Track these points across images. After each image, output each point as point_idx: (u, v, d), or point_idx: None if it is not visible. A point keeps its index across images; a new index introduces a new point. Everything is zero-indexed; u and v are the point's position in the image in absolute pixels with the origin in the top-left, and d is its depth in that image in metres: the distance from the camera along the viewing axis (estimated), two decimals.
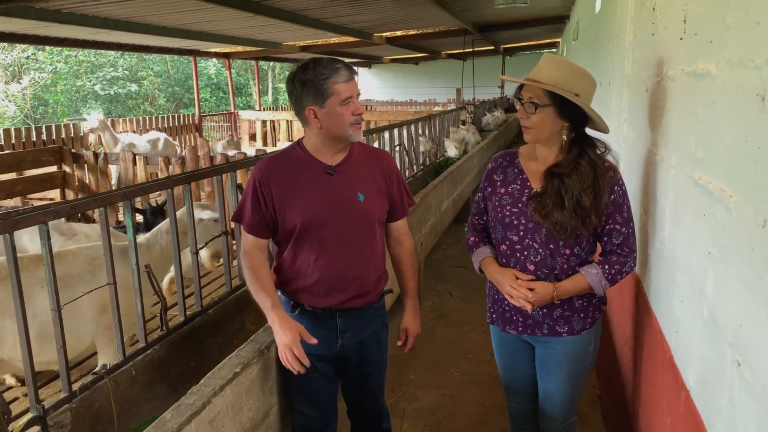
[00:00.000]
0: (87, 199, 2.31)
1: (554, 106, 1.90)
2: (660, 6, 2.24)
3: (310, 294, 2.12)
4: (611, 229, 1.96)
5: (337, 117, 1.97)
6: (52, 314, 2.17)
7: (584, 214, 1.90)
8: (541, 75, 1.91)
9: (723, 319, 1.29)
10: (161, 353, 2.72)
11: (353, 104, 1.99)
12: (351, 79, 1.99)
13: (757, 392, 1.07)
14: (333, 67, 1.94)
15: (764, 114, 1.08)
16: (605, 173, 1.93)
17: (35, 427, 2.08)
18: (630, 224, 1.98)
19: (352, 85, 1.99)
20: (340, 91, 1.95)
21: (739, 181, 1.21)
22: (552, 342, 2.08)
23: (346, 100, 1.96)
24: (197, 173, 2.96)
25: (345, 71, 1.96)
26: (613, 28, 3.93)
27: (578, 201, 1.90)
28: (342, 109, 1.96)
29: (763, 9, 1.11)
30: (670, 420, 1.74)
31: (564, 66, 1.93)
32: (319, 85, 1.94)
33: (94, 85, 24.03)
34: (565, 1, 9.87)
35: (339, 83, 1.94)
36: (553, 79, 1.88)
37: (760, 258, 1.07)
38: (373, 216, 2.12)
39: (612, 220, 1.95)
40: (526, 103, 1.93)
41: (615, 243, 1.96)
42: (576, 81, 1.90)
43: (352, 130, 2.01)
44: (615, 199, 1.94)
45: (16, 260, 1.98)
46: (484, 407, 3.61)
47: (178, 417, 1.80)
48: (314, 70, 1.94)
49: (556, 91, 1.86)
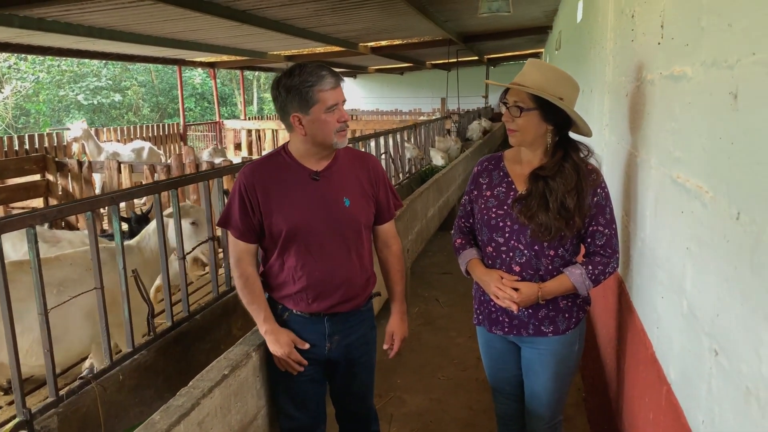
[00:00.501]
0: (74, 203, 2.31)
1: (539, 109, 1.94)
2: (639, 13, 2.30)
3: (297, 300, 2.12)
4: (594, 230, 2.00)
5: (322, 124, 1.96)
6: (39, 318, 2.16)
7: (568, 215, 1.93)
8: (526, 79, 1.95)
9: (701, 311, 1.33)
10: (148, 358, 2.71)
11: (338, 111, 1.97)
12: (337, 86, 1.97)
13: (733, 379, 1.11)
14: (318, 74, 1.92)
15: (736, 111, 1.13)
16: (588, 176, 1.97)
17: (22, 431, 2.07)
18: (612, 226, 2.02)
19: (338, 93, 1.97)
20: (325, 98, 1.93)
21: (715, 177, 1.25)
22: (538, 342, 2.11)
23: (331, 107, 1.95)
24: (184, 178, 2.97)
25: (330, 78, 1.94)
26: (595, 37, 4.02)
27: (562, 203, 1.93)
28: (327, 117, 1.95)
29: (735, 11, 1.16)
30: (653, 415, 1.78)
31: (548, 70, 1.98)
32: (305, 92, 1.92)
33: (77, 95, 23.88)
34: (548, 11, 10.02)
35: (324, 91, 1.92)
36: (538, 84, 1.92)
37: (735, 249, 1.12)
38: (359, 221, 2.12)
39: (595, 221, 1.99)
40: (511, 107, 1.97)
41: (598, 244, 2.00)
42: (560, 85, 1.95)
43: (336, 137, 2.00)
44: (598, 201, 1.98)
45: (3, 265, 1.97)
46: (471, 410, 3.63)
47: (167, 418, 1.80)
48: (299, 76, 1.92)
49: (540, 95, 1.90)
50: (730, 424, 1.12)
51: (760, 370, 0.98)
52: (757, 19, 1.04)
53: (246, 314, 3.42)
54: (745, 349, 1.06)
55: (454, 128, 12.74)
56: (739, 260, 1.09)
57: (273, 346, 2.10)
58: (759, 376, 0.99)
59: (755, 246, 1.02)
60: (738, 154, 1.12)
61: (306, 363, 2.12)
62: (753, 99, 1.06)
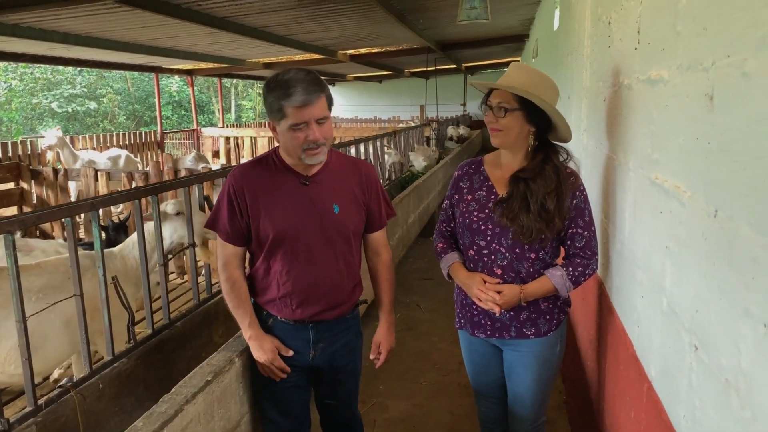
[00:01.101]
0: (53, 209, 2.28)
1: (523, 110, 1.97)
2: (615, 19, 2.35)
3: (282, 306, 2.09)
4: (574, 232, 2.04)
5: (288, 139, 1.91)
6: (17, 326, 2.12)
7: (548, 217, 1.97)
8: (511, 81, 1.98)
9: (680, 307, 1.36)
10: (129, 366, 2.68)
11: (307, 131, 1.88)
12: (305, 105, 1.85)
13: (713, 372, 1.14)
14: (288, 90, 1.84)
15: (712, 112, 1.17)
16: (567, 179, 2.01)
17: None
18: (591, 228, 2.06)
19: (307, 111, 1.86)
20: (290, 115, 1.86)
21: (692, 177, 1.29)
22: (520, 344, 2.13)
23: (296, 125, 1.87)
24: (164, 185, 2.95)
25: (299, 96, 1.83)
26: (572, 44, 4.09)
27: (543, 204, 1.97)
28: (293, 134, 1.89)
29: (709, 16, 1.20)
30: (634, 413, 1.81)
31: (532, 73, 2.02)
32: (275, 104, 1.87)
33: (50, 103, 23.55)
34: (524, 20, 10.15)
35: (290, 107, 1.85)
36: (522, 85, 1.95)
37: (713, 245, 1.15)
38: (348, 227, 2.09)
39: (574, 224, 2.03)
40: (495, 108, 2.00)
41: (578, 246, 2.04)
42: (543, 87, 1.99)
43: (305, 155, 1.93)
44: (577, 203, 2.02)
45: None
46: (453, 415, 3.64)
47: (150, 425, 1.79)
48: (275, 84, 1.88)
49: (525, 95, 1.93)
50: (711, 417, 1.15)
51: (740, 362, 1.01)
52: (731, 22, 1.08)
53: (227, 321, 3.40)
54: (724, 343, 1.08)
55: (433, 135, 12.82)
56: (717, 257, 1.12)
57: (256, 352, 2.09)
58: (738, 368, 1.01)
59: (733, 242, 1.05)
60: (715, 154, 1.15)
61: (289, 370, 2.11)
62: (728, 100, 1.09)
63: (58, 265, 2.89)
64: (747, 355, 0.98)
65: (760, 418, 0.93)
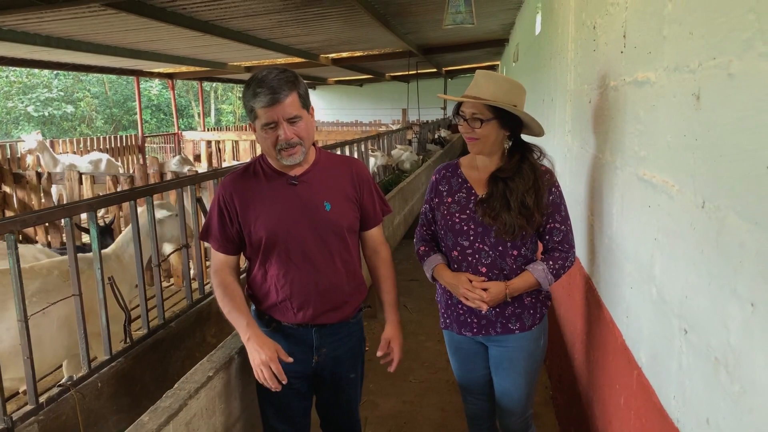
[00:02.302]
0: (52, 209, 2.31)
1: (497, 118, 2.05)
2: (600, 24, 2.45)
3: (283, 310, 2.07)
4: (552, 227, 2.13)
5: (262, 139, 1.92)
6: (19, 325, 2.15)
7: (528, 213, 2.05)
8: (481, 91, 2.05)
9: (670, 295, 1.45)
10: (126, 366, 2.70)
11: (279, 131, 1.88)
12: (272, 105, 1.84)
13: (702, 352, 1.22)
14: (256, 91, 1.84)
15: (699, 110, 1.25)
16: (543, 176, 2.10)
17: None
18: (568, 222, 2.15)
19: (274, 111, 1.85)
20: (261, 116, 1.87)
21: (680, 171, 1.37)
22: (505, 340, 2.20)
23: (267, 125, 1.88)
24: (160, 185, 2.97)
25: (265, 97, 1.83)
26: (555, 48, 4.19)
27: (522, 201, 2.05)
28: (264, 134, 1.90)
29: (696, 21, 1.29)
30: (624, 399, 1.89)
31: (499, 80, 2.09)
32: (248, 105, 1.89)
33: (26, 107, 23.20)
34: (505, 24, 10.30)
35: (258, 108, 1.86)
36: (492, 94, 2.03)
37: (701, 235, 1.23)
38: (341, 225, 2.06)
39: (552, 219, 2.12)
40: (470, 119, 2.07)
41: (556, 240, 2.13)
42: (511, 93, 2.06)
43: (280, 154, 1.92)
44: (553, 199, 2.11)
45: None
46: (443, 411, 3.71)
47: (156, 419, 1.82)
48: (248, 85, 1.90)
49: (499, 105, 2.02)
50: (701, 395, 1.23)
51: (729, 340, 1.09)
52: (716, 27, 1.17)
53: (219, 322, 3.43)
54: (713, 324, 1.17)
55: (415, 139, 12.91)
56: (705, 244, 1.21)
57: (254, 354, 1.95)
58: (727, 346, 1.10)
59: (720, 229, 1.13)
60: (702, 149, 1.24)
61: (286, 380, 1.96)
62: (715, 99, 1.18)
63: (52, 268, 2.91)
64: (735, 333, 1.06)
65: (748, 391, 1.02)
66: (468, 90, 2.09)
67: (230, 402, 2.23)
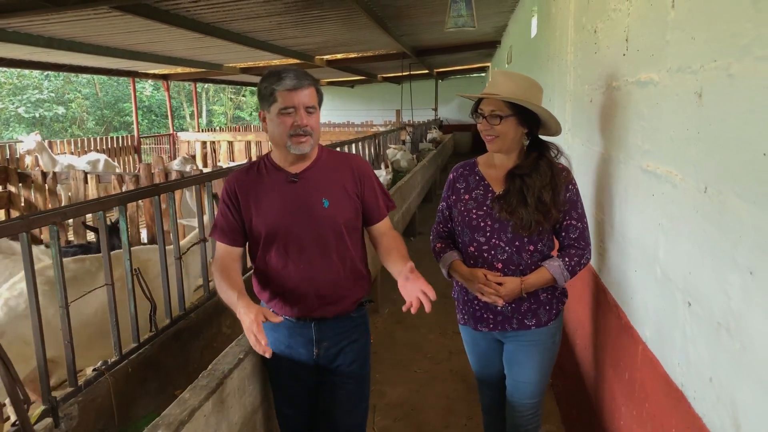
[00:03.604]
0: (88, 203, 2.44)
1: (515, 115, 2.10)
2: (601, 28, 2.61)
3: (283, 303, 2.13)
4: (568, 224, 2.16)
5: (276, 125, 1.98)
6: (60, 311, 2.27)
7: (545, 209, 2.09)
8: (499, 88, 2.10)
9: (674, 273, 1.61)
10: (152, 352, 2.83)
11: (295, 116, 1.96)
12: (296, 90, 1.95)
13: (705, 319, 1.39)
14: (280, 76, 1.95)
15: (701, 107, 1.42)
16: (560, 173, 2.14)
17: (47, 418, 2.18)
18: (584, 219, 2.19)
19: (296, 96, 1.95)
20: (281, 99, 1.95)
21: (683, 162, 1.54)
22: (521, 335, 2.24)
23: (285, 109, 1.95)
24: (184, 180, 3.11)
25: (290, 81, 1.94)
26: (552, 50, 4.37)
27: (539, 197, 2.09)
28: (280, 118, 1.97)
29: (697, 27, 1.46)
30: (629, 373, 2.06)
31: (517, 78, 2.14)
32: (267, 90, 1.97)
33: (17, 108, 23.11)
34: (498, 27, 10.50)
35: (280, 91, 1.94)
36: (511, 91, 2.08)
37: (704, 216, 1.40)
38: (339, 222, 2.09)
39: (568, 216, 2.15)
40: (489, 116, 2.11)
41: (572, 237, 2.16)
42: (529, 90, 2.12)
43: (291, 141, 1.99)
44: (570, 197, 2.15)
45: (31, 257, 2.09)
46: (448, 399, 3.87)
47: (196, 396, 1.95)
48: (268, 73, 2.00)
49: (518, 102, 2.06)
50: (704, 357, 1.40)
51: (729, 305, 1.26)
52: (717, 33, 1.33)
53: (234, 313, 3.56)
54: (715, 293, 1.33)
55: (408, 139, 13.08)
56: (708, 224, 1.37)
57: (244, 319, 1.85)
58: (728, 310, 1.26)
59: (722, 210, 1.30)
60: (704, 141, 1.40)
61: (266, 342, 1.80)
62: (716, 97, 1.34)
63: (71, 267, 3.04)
64: (736, 298, 1.23)
65: (748, 347, 1.18)
66: (486, 88, 2.15)
67: (257, 383, 2.36)
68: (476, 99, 2.18)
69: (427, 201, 10.86)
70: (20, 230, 2.06)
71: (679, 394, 1.55)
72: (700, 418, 1.41)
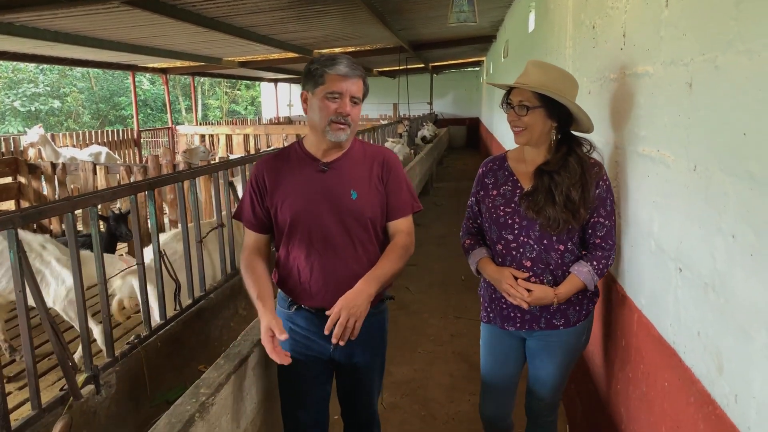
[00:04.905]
0: (120, 187, 2.61)
1: (544, 107, 2.03)
2: (599, 24, 2.80)
3: (303, 292, 2.11)
4: (595, 222, 2.09)
5: (319, 107, 1.97)
6: (99, 287, 2.45)
7: (574, 208, 2.03)
8: (530, 79, 2.04)
9: (667, 244, 1.80)
10: (177, 330, 3.01)
11: (340, 102, 1.95)
12: (347, 78, 1.95)
13: (694, 282, 1.58)
14: (337, 60, 1.95)
15: (691, 95, 1.61)
16: (591, 169, 2.07)
17: (90, 385, 2.36)
18: (612, 218, 2.11)
19: (347, 83, 1.95)
20: (330, 82, 1.94)
21: (676, 144, 1.73)
22: (548, 335, 2.19)
23: (332, 93, 1.95)
24: (204, 168, 3.28)
25: (344, 68, 1.95)
26: (550, 44, 4.55)
27: (568, 196, 2.02)
28: (326, 102, 1.95)
29: (688, 24, 1.64)
30: (625, 340, 2.25)
31: (549, 69, 2.08)
32: (318, 71, 1.96)
33: (12, 102, 23.11)
34: (494, 22, 10.67)
35: (332, 75, 1.94)
36: (541, 82, 2.02)
37: (693, 191, 1.59)
38: (365, 215, 2.07)
39: (596, 213, 2.08)
40: (516, 107, 2.06)
41: (599, 236, 2.10)
42: (561, 82, 2.05)
43: (330, 127, 1.97)
44: (599, 193, 2.08)
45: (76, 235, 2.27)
46: (452, 377, 4.07)
47: (230, 362, 2.13)
48: (322, 57, 1.99)
49: (545, 93, 2.00)
50: (693, 315, 1.59)
51: (715, 267, 1.45)
52: (705, 29, 1.52)
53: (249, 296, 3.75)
54: (703, 258, 1.52)
55: (405, 133, 13.27)
56: (696, 198, 1.56)
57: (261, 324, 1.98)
58: (714, 271, 1.46)
59: (708, 185, 1.49)
60: (693, 125, 1.59)
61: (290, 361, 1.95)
62: (704, 86, 1.53)
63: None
64: (720, 260, 1.42)
65: (730, 300, 1.37)
66: (517, 78, 2.11)
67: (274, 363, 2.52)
68: (506, 88, 2.14)
69: (424, 194, 11.07)
70: (66, 211, 2.23)
71: (671, 351, 1.74)
72: (689, 368, 1.60)
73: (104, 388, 2.40)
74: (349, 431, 2.42)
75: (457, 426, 3.44)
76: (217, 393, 1.90)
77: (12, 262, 1.95)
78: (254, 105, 32.41)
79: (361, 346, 2.14)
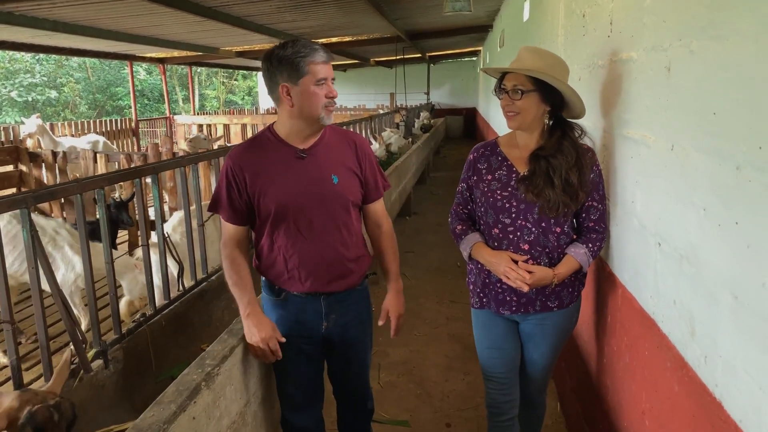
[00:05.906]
0: (125, 171, 2.70)
1: (538, 91, 2.05)
2: (589, 13, 2.89)
3: (291, 279, 2.14)
4: (589, 206, 2.14)
5: (310, 96, 1.97)
6: (106, 267, 2.55)
7: (572, 191, 2.06)
8: (525, 64, 2.08)
9: (648, 221, 1.91)
10: (181, 310, 3.12)
11: (327, 86, 2.00)
12: (327, 62, 2.00)
13: (671, 254, 1.69)
14: (311, 47, 1.96)
15: (670, 79, 1.71)
16: (585, 154, 2.12)
17: (98, 360, 2.46)
18: (605, 202, 2.18)
19: (328, 68, 2.01)
20: (316, 71, 1.96)
21: (656, 125, 1.83)
22: (543, 317, 2.23)
23: (321, 80, 1.97)
24: (207, 153, 3.37)
25: (323, 53, 1.98)
26: (544, 33, 4.64)
27: (566, 179, 2.05)
28: (316, 89, 1.97)
29: (668, 12, 1.74)
30: (610, 316, 2.36)
31: (543, 54, 2.12)
32: (296, 62, 1.94)
33: (9, 92, 23.09)
34: (490, 11, 10.72)
35: (316, 63, 1.95)
36: (536, 67, 2.05)
37: (671, 170, 1.69)
38: (348, 198, 2.12)
39: (590, 197, 2.13)
40: (510, 91, 2.08)
41: (593, 219, 2.15)
42: (554, 67, 2.08)
43: (324, 111, 2.01)
44: (593, 178, 2.13)
45: (84, 216, 2.36)
46: (447, 357, 4.19)
47: (234, 336, 2.22)
48: (293, 48, 1.95)
49: (541, 77, 2.03)
50: (669, 286, 1.70)
51: (688, 239, 1.55)
52: (682, 17, 1.62)
53: None
54: (678, 232, 1.63)
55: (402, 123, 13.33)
56: (673, 175, 1.67)
57: (251, 330, 2.08)
58: (688, 244, 1.56)
59: (684, 163, 1.59)
60: (671, 107, 1.69)
61: (281, 356, 2.11)
62: (681, 69, 1.63)
63: None
64: (693, 233, 1.52)
65: (702, 269, 1.48)
66: (511, 63, 2.14)
67: None
68: (501, 72, 2.16)
69: (421, 183, 11.16)
70: (75, 192, 2.32)
71: (650, 322, 1.85)
72: (666, 335, 1.71)
73: (112, 363, 2.50)
74: (343, 408, 2.48)
75: (452, 403, 3.56)
76: (222, 364, 2.00)
77: (25, 240, 2.04)
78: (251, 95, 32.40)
79: (353, 321, 2.25)
